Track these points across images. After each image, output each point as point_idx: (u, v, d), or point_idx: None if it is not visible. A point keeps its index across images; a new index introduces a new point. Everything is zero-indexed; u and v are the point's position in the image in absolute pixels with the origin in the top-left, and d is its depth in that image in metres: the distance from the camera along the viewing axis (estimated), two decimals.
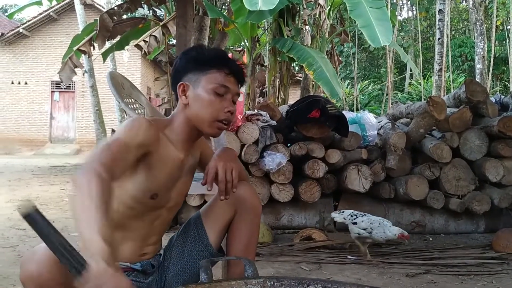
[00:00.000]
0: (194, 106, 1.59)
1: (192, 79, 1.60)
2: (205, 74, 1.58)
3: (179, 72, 1.64)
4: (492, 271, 3.03)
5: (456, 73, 18.31)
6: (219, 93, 1.57)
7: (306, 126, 3.90)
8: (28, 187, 7.16)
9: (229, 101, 1.59)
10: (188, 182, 1.74)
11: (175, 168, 1.62)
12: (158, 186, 1.58)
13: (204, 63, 1.59)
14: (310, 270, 3.00)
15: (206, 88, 1.58)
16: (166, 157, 1.58)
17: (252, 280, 1.64)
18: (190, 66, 1.61)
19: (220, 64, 1.59)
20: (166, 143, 1.59)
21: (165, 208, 1.67)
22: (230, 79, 1.59)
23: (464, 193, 3.98)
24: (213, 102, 1.57)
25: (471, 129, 3.99)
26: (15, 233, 3.95)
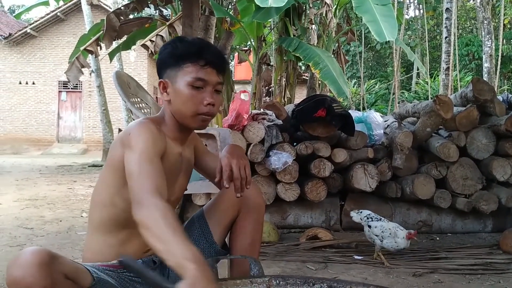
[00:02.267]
0: (175, 102, 1.60)
1: (171, 75, 1.59)
2: (181, 69, 1.57)
3: (159, 68, 1.65)
4: (499, 270, 3.01)
5: (463, 72, 18.22)
6: (196, 86, 1.56)
7: (312, 125, 3.89)
8: (36, 187, 7.20)
9: (209, 93, 1.58)
10: (187, 176, 1.74)
11: (176, 163, 1.64)
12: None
13: (179, 57, 1.58)
14: (316, 269, 2.99)
15: (183, 83, 1.57)
16: (169, 154, 1.59)
17: (258, 279, 1.64)
18: (167, 62, 1.61)
19: (194, 56, 1.57)
20: (167, 140, 1.60)
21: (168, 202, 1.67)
22: (206, 70, 1.57)
23: (471, 192, 3.96)
24: (192, 96, 1.56)
25: (478, 128, 3.97)
26: (23, 232, 3.97)
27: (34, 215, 4.76)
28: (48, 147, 19.18)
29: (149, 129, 1.51)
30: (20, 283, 1.22)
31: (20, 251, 1.29)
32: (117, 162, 1.52)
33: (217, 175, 1.66)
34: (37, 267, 1.23)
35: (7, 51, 20.11)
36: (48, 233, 3.96)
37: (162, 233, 1.26)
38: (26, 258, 1.24)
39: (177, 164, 1.65)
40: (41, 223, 4.37)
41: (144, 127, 1.52)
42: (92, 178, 8.79)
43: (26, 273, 1.22)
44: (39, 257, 1.25)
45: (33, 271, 1.22)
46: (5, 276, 1.25)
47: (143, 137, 1.48)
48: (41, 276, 1.23)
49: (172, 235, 1.24)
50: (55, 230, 4.09)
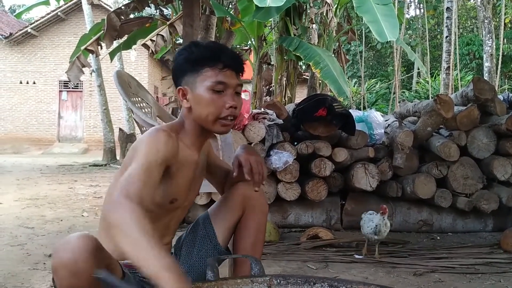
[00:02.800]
0: (196, 108, 1.57)
1: (189, 82, 1.58)
2: (199, 74, 1.56)
3: (176, 76, 1.63)
4: (500, 270, 3.01)
5: (464, 71, 18.21)
6: (217, 90, 1.54)
7: (312, 125, 3.89)
8: (37, 186, 7.20)
9: (230, 95, 1.56)
10: (200, 180, 1.76)
11: (190, 171, 1.64)
12: (178, 191, 1.60)
13: (196, 63, 1.56)
14: (317, 268, 2.99)
15: (203, 88, 1.55)
16: (184, 163, 1.59)
17: (259, 278, 1.64)
18: (184, 68, 1.59)
19: (212, 60, 1.55)
20: (183, 148, 1.59)
21: (181, 208, 1.70)
22: (226, 73, 1.55)
23: (472, 191, 3.96)
24: (213, 100, 1.55)
25: (479, 128, 3.97)
26: (24, 231, 3.97)
27: (35, 214, 4.76)
28: (49, 146, 19.19)
29: (158, 139, 1.49)
30: (71, 267, 1.22)
31: (69, 235, 1.27)
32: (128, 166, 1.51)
33: (235, 169, 1.70)
34: (90, 253, 1.23)
35: (7, 51, 20.12)
36: (49, 232, 3.97)
37: (137, 239, 1.20)
38: (79, 243, 1.24)
39: (193, 171, 1.65)
40: (42, 222, 4.37)
41: (154, 136, 1.50)
42: (93, 178, 8.80)
43: (78, 258, 1.21)
44: (92, 243, 1.25)
45: (86, 257, 1.22)
46: (53, 258, 1.24)
47: (149, 146, 1.47)
48: (92, 262, 1.23)
49: (147, 243, 1.19)
50: (56, 229, 4.10)
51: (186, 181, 1.62)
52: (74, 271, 1.22)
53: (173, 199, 1.59)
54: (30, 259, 3.10)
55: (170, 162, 1.52)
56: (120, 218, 1.23)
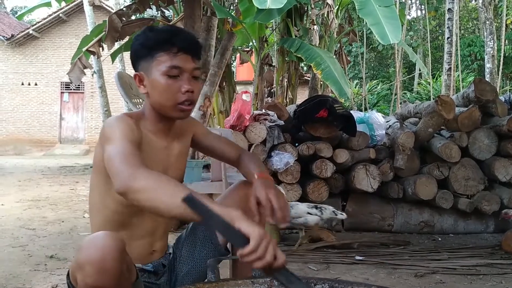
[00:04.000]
0: (153, 94, 1.52)
1: (145, 67, 1.53)
2: (154, 59, 1.51)
3: (133, 61, 1.58)
4: (501, 271, 3.01)
5: (465, 73, 18.18)
6: (172, 75, 1.49)
7: (313, 126, 3.89)
8: (38, 187, 7.21)
9: (186, 80, 1.51)
10: (180, 169, 1.69)
11: (160, 158, 1.59)
12: None
13: (151, 47, 1.51)
14: (318, 270, 2.99)
15: (158, 73, 1.50)
16: (149, 150, 1.54)
17: (259, 279, 1.64)
18: (140, 54, 1.54)
19: (166, 44, 1.50)
20: (147, 134, 1.55)
21: None
22: (181, 57, 1.50)
23: (473, 193, 3.96)
24: (168, 86, 1.49)
25: (480, 129, 3.97)
26: (25, 232, 3.97)
27: (37, 215, 4.76)
28: (50, 148, 19.21)
29: (124, 120, 1.48)
30: (99, 264, 1.21)
31: (96, 233, 1.27)
32: (99, 162, 1.48)
33: (254, 210, 1.57)
34: (118, 252, 1.23)
35: (9, 52, 20.15)
36: (50, 233, 3.97)
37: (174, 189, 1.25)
38: (107, 241, 1.24)
39: (161, 159, 1.60)
40: (43, 223, 4.37)
41: (118, 119, 1.49)
42: None
43: (107, 256, 1.21)
44: (119, 243, 1.25)
45: (115, 255, 1.22)
46: (79, 255, 1.24)
47: (119, 127, 1.45)
48: (120, 261, 1.23)
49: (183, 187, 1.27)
50: (57, 230, 4.10)
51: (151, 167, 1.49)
52: (102, 269, 1.22)
53: None
54: (32, 260, 3.10)
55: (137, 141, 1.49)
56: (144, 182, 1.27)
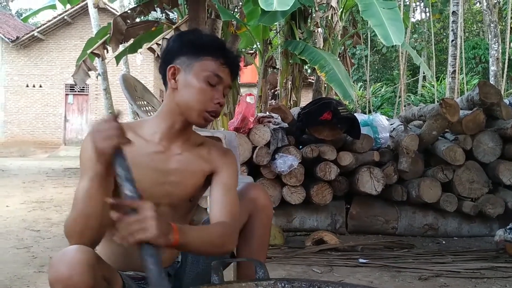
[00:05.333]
0: (183, 92, 1.51)
1: (185, 63, 1.50)
2: (199, 60, 1.50)
3: (171, 53, 1.54)
4: (505, 274, 3.00)
5: (470, 75, 18.16)
6: (211, 83, 1.49)
7: (317, 128, 3.89)
8: (43, 189, 7.23)
9: (221, 92, 1.51)
10: (188, 176, 1.60)
11: (153, 163, 1.54)
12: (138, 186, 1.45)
13: (200, 48, 1.51)
14: (322, 272, 2.99)
15: (199, 75, 1.49)
16: (136, 156, 1.49)
17: (263, 282, 1.64)
18: (184, 49, 1.52)
19: (217, 52, 1.51)
20: (135, 140, 1.49)
21: (165, 207, 1.56)
22: (224, 69, 1.51)
23: (478, 196, 3.95)
24: (204, 91, 1.49)
25: (484, 132, 3.96)
26: (30, 234, 3.99)
27: (41, 217, 4.78)
28: (55, 149, 19.25)
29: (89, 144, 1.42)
30: (66, 281, 1.20)
31: (65, 248, 1.26)
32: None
33: None
34: (85, 266, 1.21)
35: (14, 54, 20.24)
36: (55, 235, 3.98)
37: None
38: (74, 256, 1.22)
39: (155, 164, 1.54)
40: (48, 225, 4.39)
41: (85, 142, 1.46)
42: None
43: (74, 272, 1.20)
44: (87, 256, 1.24)
45: (82, 271, 1.21)
46: (49, 272, 1.23)
47: (84, 157, 1.47)
48: (88, 276, 1.21)
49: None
50: (62, 232, 4.08)
51: (143, 175, 1.50)
52: (70, 286, 1.21)
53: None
54: (36, 262, 3.11)
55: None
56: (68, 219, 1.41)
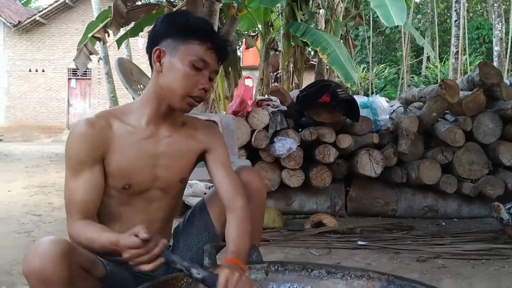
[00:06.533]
0: (167, 75, 1.48)
1: (171, 46, 1.48)
2: (185, 43, 1.47)
3: (158, 35, 1.51)
4: (504, 256, 3.00)
5: (473, 56, 17.99)
6: (196, 67, 1.46)
7: (316, 111, 3.87)
8: (45, 174, 7.26)
9: (206, 77, 1.49)
10: (179, 158, 1.60)
11: (142, 149, 1.53)
12: (128, 175, 1.51)
13: (187, 31, 1.47)
14: (320, 255, 2.99)
15: (184, 58, 1.46)
16: (124, 143, 1.50)
17: (256, 265, 1.64)
18: (171, 31, 1.49)
19: (204, 36, 1.47)
20: (121, 127, 1.51)
21: (156, 190, 1.58)
22: (211, 54, 1.48)
23: (478, 177, 3.94)
24: (189, 75, 1.46)
25: (484, 113, 3.94)
26: (31, 219, 4.00)
27: (43, 202, 4.80)
28: (58, 134, 19.29)
29: (75, 136, 1.47)
30: (39, 273, 1.21)
31: (39, 240, 1.26)
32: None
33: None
34: (58, 258, 1.21)
35: (16, 39, 20.21)
36: (56, 219, 4.00)
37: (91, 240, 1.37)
38: (47, 248, 1.22)
39: (144, 149, 1.53)
40: (49, 209, 4.40)
41: (71, 134, 1.48)
42: None
43: (46, 264, 1.20)
44: (60, 248, 1.23)
45: (54, 263, 1.21)
46: (23, 265, 1.23)
47: (70, 148, 1.47)
48: (61, 267, 1.22)
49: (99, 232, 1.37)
50: (63, 216, 4.11)
51: (133, 163, 1.51)
52: (42, 279, 1.21)
53: (125, 184, 1.51)
54: None
55: (101, 149, 1.48)
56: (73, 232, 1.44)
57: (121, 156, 1.50)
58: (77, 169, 1.45)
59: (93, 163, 1.46)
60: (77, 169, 1.45)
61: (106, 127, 1.49)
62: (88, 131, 1.46)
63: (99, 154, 1.47)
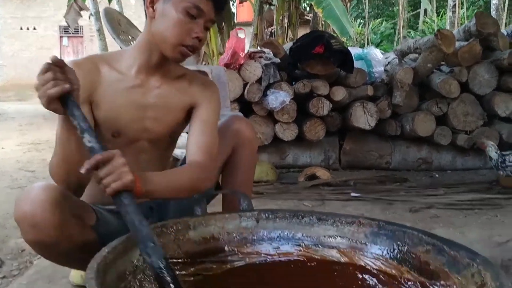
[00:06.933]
0: (160, 22, 1.43)
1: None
2: None
3: None
4: (497, 205, 3.01)
5: (471, 9, 17.76)
6: (191, 14, 1.39)
7: (310, 63, 3.80)
8: (39, 131, 7.22)
9: (201, 26, 1.42)
10: (168, 111, 1.56)
11: (130, 98, 1.49)
12: (116, 123, 1.48)
13: None
14: (313, 206, 3.00)
15: (178, 5, 1.39)
16: (112, 89, 1.46)
17: (247, 213, 1.63)
18: None
19: None
20: (110, 72, 1.47)
21: (145, 142, 1.55)
22: (207, 1, 1.41)
23: (472, 128, 3.92)
24: (182, 22, 1.40)
25: (480, 63, 3.88)
26: (24, 174, 4.00)
27: (36, 158, 4.78)
28: None
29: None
30: (30, 219, 1.20)
31: (30, 186, 1.25)
32: None
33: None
34: (50, 204, 1.20)
35: None
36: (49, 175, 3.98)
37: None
38: (39, 194, 1.21)
39: (132, 98, 1.49)
40: (42, 165, 4.39)
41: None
42: None
43: (38, 209, 1.19)
44: (52, 193, 1.22)
45: (46, 208, 1.20)
46: (14, 211, 1.22)
47: None
48: (53, 213, 1.21)
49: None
50: None
51: (121, 110, 1.47)
52: (34, 224, 1.20)
53: (113, 132, 1.48)
54: None
55: (88, 91, 1.42)
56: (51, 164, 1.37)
57: (109, 102, 1.46)
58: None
59: (80, 103, 1.42)
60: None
61: (93, 70, 1.45)
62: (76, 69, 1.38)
63: (86, 95, 1.42)
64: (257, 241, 1.55)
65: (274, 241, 1.58)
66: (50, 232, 1.22)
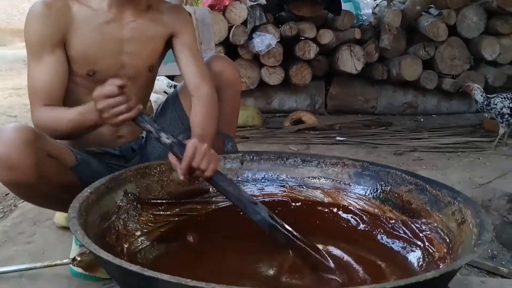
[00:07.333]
0: None
1: None
2: None
3: None
4: (480, 148, 3.05)
5: None
6: None
7: (296, 5, 3.71)
8: (19, 77, 7.05)
9: None
10: (145, 44, 1.54)
11: (105, 33, 1.46)
12: (91, 60, 1.45)
13: None
14: (298, 150, 3.01)
15: None
16: (85, 26, 1.43)
17: (232, 155, 1.63)
18: None
19: None
20: (81, 10, 1.43)
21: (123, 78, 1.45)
22: None
23: (459, 72, 3.90)
24: None
25: (469, 6, 3.82)
26: (6, 119, 3.95)
27: (17, 103, 4.70)
28: None
29: (33, 19, 1.39)
30: (5, 160, 1.19)
31: (2, 127, 1.24)
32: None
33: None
34: (23, 144, 1.19)
35: None
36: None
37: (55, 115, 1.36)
38: (11, 135, 1.20)
39: (106, 34, 1.46)
40: (24, 110, 4.31)
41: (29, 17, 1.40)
42: None
43: (11, 151, 1.18)
44: (25, 134, 1.20)
45: (19, 149, 1.18)
46: None
47: (28, 31, 1.40)
48: (27, 153, 1.19)
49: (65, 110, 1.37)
50: None
51: (96, 47, 1.44)
52: (9, 165, 1.19)
53: (89, 70, 1.45)
54: None
55: (61, 32, 1.40)
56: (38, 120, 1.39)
57: (83, 40, 1.43)
58: (37, 53, 1.38)
59: (53, 47, 1.39)
60: (37, 53, 1.38)
61: (63, 9, 1.41)
62: (45, 11, 1.38)
63: (59, 37, 1.40)
64: (241, 182, 1.56)
65: (259, 183, 1.59)
66: (26, 172, 1.21)
